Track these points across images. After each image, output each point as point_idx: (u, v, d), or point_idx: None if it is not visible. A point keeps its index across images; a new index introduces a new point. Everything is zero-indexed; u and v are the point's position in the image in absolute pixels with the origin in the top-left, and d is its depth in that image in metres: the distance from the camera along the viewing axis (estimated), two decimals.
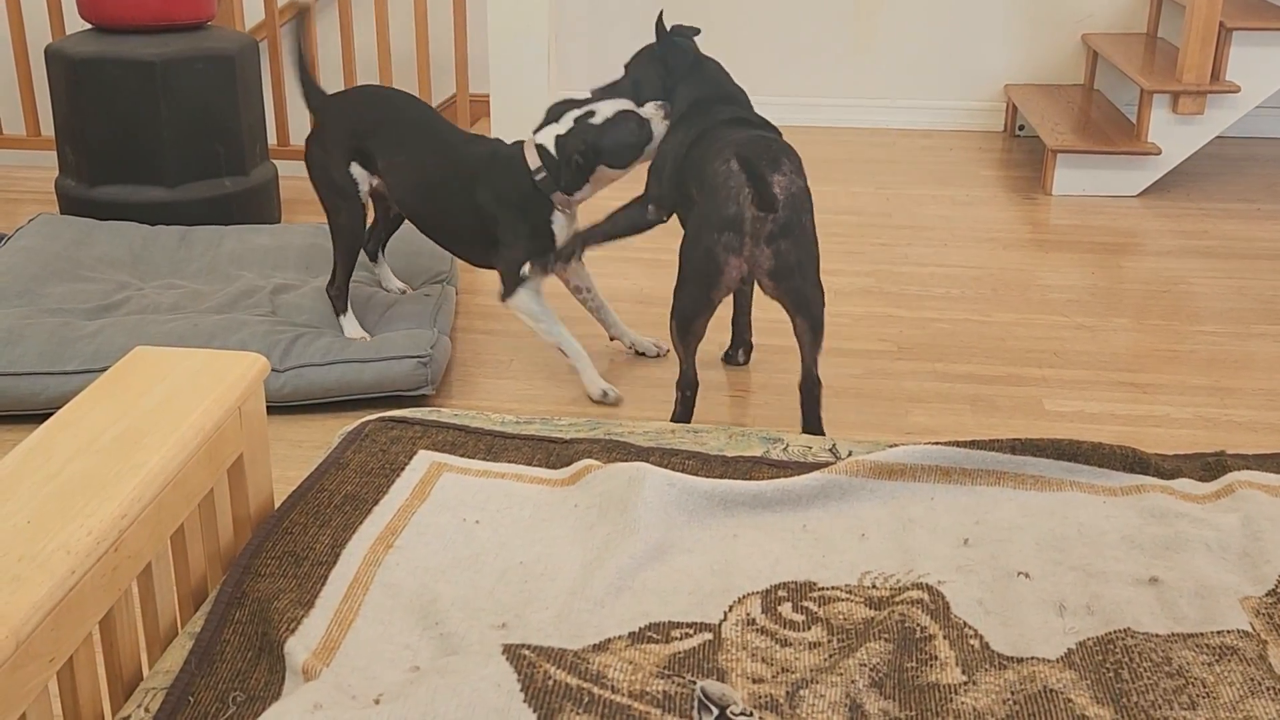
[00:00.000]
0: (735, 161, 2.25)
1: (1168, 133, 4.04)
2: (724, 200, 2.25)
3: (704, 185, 2.35)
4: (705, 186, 2.34)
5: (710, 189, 2.30)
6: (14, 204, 4.02)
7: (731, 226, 2.24)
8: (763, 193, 2.20)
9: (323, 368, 2.61)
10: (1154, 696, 1.22)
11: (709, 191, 2.30)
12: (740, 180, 2.24)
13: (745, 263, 2.27)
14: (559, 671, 1.13)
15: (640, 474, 1.55)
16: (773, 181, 2.26)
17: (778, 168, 2.31)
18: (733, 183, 2.25)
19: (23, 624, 1.03)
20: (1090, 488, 1.60)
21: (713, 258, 2.26)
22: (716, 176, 2.30)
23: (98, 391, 1.42)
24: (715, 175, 2.30)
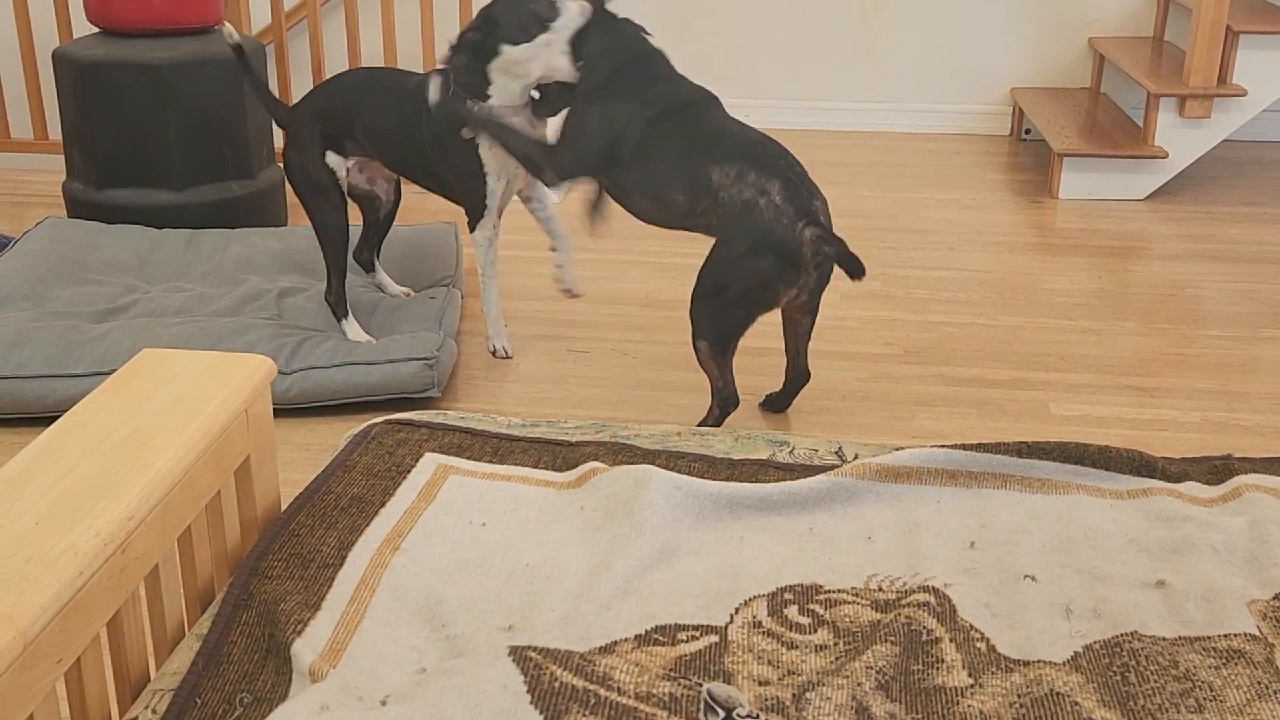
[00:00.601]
0: (777, 191, 2.29)
1: (1174, 136, 4.04)
2: (781, 234, 2.28)
3: (723, 202, 2.33)
4: (729, 206, 2.32)
5: (747, 214, 2.29)
6: (21, 207, 4.03)
7: (792, 262, 2.29)
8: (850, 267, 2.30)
9: (329, 370, 2.61)
10: (1161, 700, 1.22)
11: (747, 217, 2.29)
12: (791, 214, 2.28)
13: (798, 290, 2.35)
14: (565, 673, 1.13)
15: (646, 477, 1.55)
16: (818, 211, 2.34)
17: (814, 193, 2.37)
18: (784, 218, 2.28)
19: (30, 625, 1.03)
20: (1097, 491, 1.60)
21: (771, 288, 2.31)
22: (751, 203, 2.30)
23: (105, 394, 1.42)
24: (748, 201, 2.30)
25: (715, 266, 2.36)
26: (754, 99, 5.10)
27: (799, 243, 2.27)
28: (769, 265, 2.30)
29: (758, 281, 2.31)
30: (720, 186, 2.34)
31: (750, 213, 2.30)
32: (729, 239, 2.34)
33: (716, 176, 2.34)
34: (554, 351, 2.95)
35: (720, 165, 2.34)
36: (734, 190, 2.32)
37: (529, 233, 3.74)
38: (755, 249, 2.30)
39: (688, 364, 2.86)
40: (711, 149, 2.37)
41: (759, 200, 2.29)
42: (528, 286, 3.33)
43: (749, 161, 2.33)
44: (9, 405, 2.57)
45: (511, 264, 3.50)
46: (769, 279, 2.31)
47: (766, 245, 2.29)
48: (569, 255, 2.87)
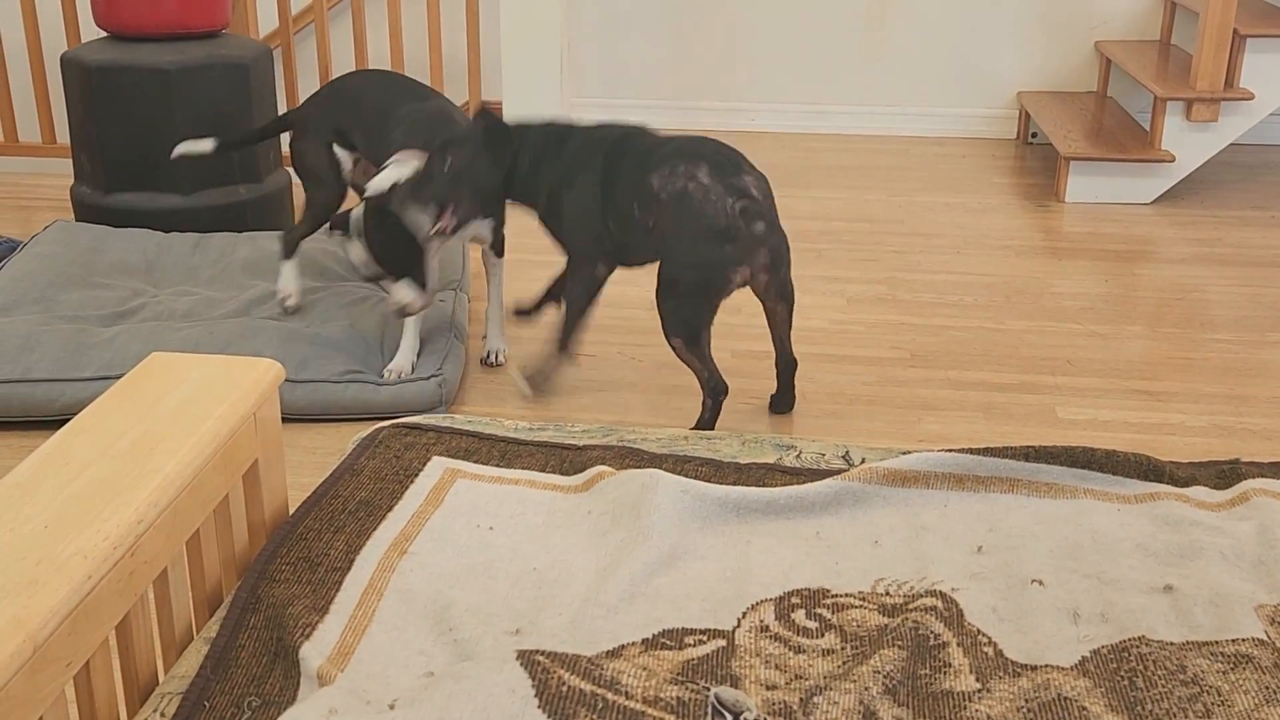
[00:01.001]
0: (704, 173, 2.31)
1: (1181, 140, 4.04)
2: (711, 213, 2.30)
3: (663, 202, 2.35)
4: (668, 203, 2.34)
5: (680, 204, 2.32)
6: (30, 211, 4.04)
7: (728, 238, 2.30)
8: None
9: (338, 385, 2.61)
10: (1168, 705, 1.22)
11: (680, 207, 2.32)
12: (719, 190, 2.30)
13: (747, 268, 2.34)
14: (573, 677, 1.13)
15: (653, 481, 1.55)
16: (748, 186, 2.34)
17: (741, 169, 2.38)
18: (713, 195, 2.29)
19: (40, 628, 1.04)
20: (1104, 495, 1.60)
21: (717, 269, 2.32)
22: (683, 191, 2.32)
23: (114, 397, 1.43)
24: (680, 190, 2.32)
25: (667, 262, 2.39)
26: (760, 103, 5.10)
27: (732, 218, 2.29)
28: (710, 247, 2.32)
29: (706, 266, 2.33)
30: (659, 190, 2.36)
31: (684, 201, 2.32)
32: (672, 232, 2.36)
33: (655, 181, 2.37)
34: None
35: (656, 170, 2.38)
36: (669, 186, 2.35)
37: (532, 236, 3.74)
38: (696, 235, 2.32)
39: None
40: (647, 161, 2.42)
41: (688, 186, 2.32)
42: (532, 289, 3.33)
43: (678, 157, 2.36)
44: (17, 409, 2.58)
45: (516, 269, 3.50)
46: (714, 261, 2.32)
47: (704, 228, 2.31)
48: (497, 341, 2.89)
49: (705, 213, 2.30)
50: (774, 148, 4.83)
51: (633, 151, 2.48)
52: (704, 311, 2.39)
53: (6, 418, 2.58)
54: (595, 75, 5.14)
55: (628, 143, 2.51)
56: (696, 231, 2.31)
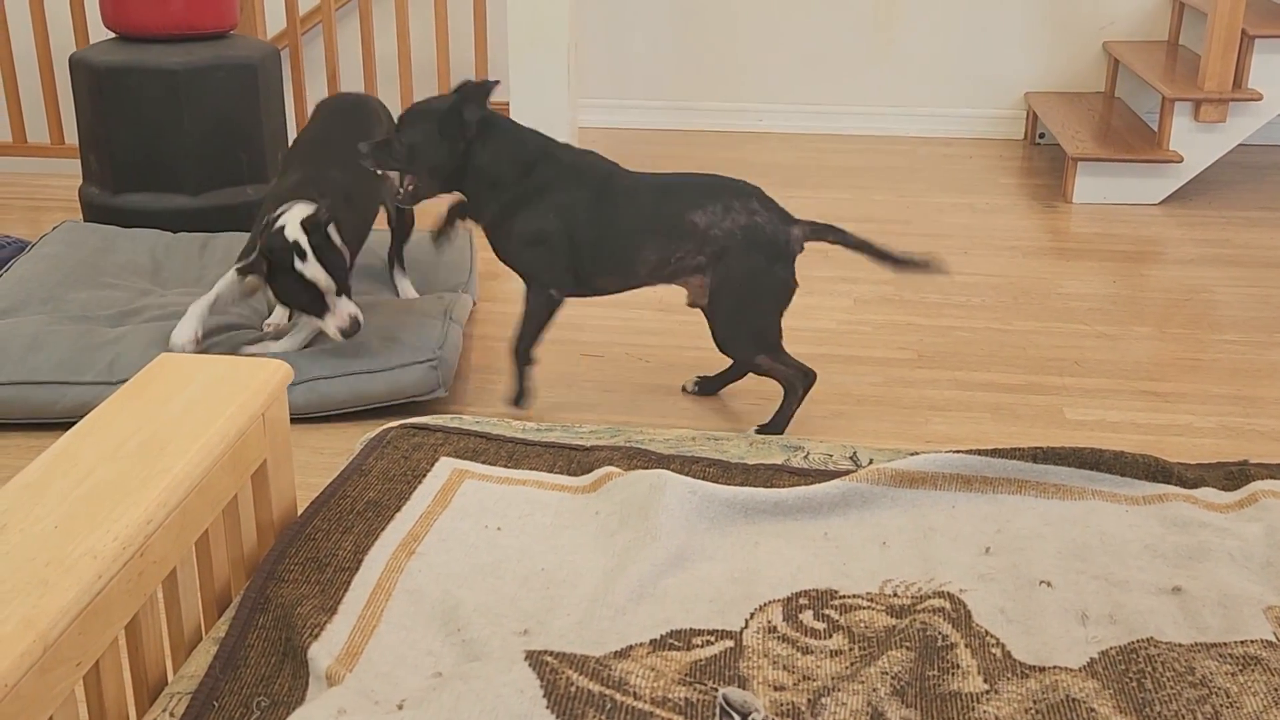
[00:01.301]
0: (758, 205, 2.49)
1: (1189, 140, 4.03)
2: (784, 240, 2.48)
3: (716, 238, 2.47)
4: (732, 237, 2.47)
5: (751, 234, 2.47)
6: (39, 211, 4.06)
7: (792, 258, 2.52)
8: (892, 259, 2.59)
9: (333, 380, 2.61)
10: (1177, 706, 1.22)
11: (756, 236, 2.48)
12: (777, 220, 2.48)
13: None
14: (581, 678, 1.13)
15: (661, 481, 1.55)
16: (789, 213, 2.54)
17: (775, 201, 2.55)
18: (778, 225, 2.48)
19: (50, 628, 1.04)
20: (1112, 496, 1.60)
21: (788, 286, 2.52)
22: (751, 224, 2.47)
23: (123, 398, 1.43)
24: (750, 225, 2.47)
25: (734, 291, 2.49)
26: (767, 104, 5.10)
27: (792, 242, 2.50)
28: (784, 268, 2.51)
29: (781, 285, 2.52)
30: (709, 226, 2.46)
31: (755, 231, 2.46)
32: (740, 262, 2.47)
33: (701, 219, 2.46)
34: (567, 356, 2.95)
35: (699, 208, 2.47)
36: (726, 223, 2.46)
37: None
38: (771, 258, 2.48)
39: (701, 369, 2.87)
40: (677, 200, 2.49)
41: (755, 219, 2.47)
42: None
43: (721, 194, 2.49)
44: (19, 410, 2.58)
45: None
46: (787, 280, 2.52)
47: (778, 252, 2.49)
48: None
49: (780, 240, 2.49)
50: (781, 148, 4.83)
51: (635, 190, 2.53)
52: (779, 323, 2.55)
53: (10, 419, 2.59)
54: (602, 77, 5.14)
55: (618, 178, 2.55)
56: (775, 255, 2.49)
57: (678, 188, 2.53)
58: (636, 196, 2.52)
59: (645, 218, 2.50)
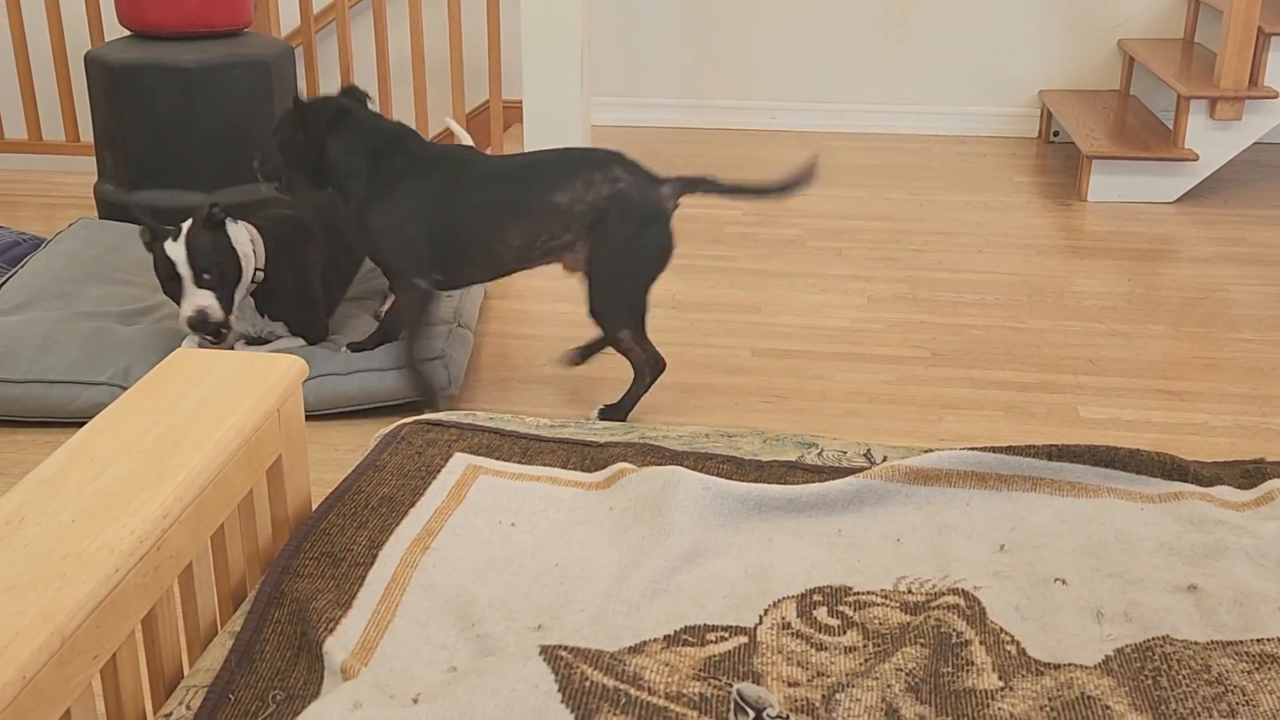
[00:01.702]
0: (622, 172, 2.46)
1: (1205, 139, 4.02)
2: (654, 202, 2.47)
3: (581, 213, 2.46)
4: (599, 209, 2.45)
5: (619, 203, 2.45)
6: (53, 208, 4.07)
7: (668, 220, 2.50)
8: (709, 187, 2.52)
9: (344, 377, 2.62)
10: (1193, 704, 1.22)
11: (623, 204, 2.45)
12: (645, 183, 2.46)
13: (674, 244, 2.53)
14: (596, 673, 1.13)
15: (675, 478, 1.55)
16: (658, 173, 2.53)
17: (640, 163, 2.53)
18: (646, 188, 2.47)
19: (68, 620, 1.04)
20: (1128, 494, 1.59)
21: (665, 250, 2.51)
22: (617, 192, 2.45)
23: (139, 393, 1.44)
24: (612, 193, 2.45)
25: (608, 261, 2.49)
26: (781, 102, 5.10)
27: (664, 201, 2.49)
28: (658, 232, 2.49)
29: (655, 250, 2.51)
30: (572, 204, 2.46)
31: (622, 199, 2.45)
32: (612, 233, 2.46)
33: (564, 198, 2.46)
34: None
35: (559, 188, 2.47)
36: (590, 197, 2.46)
37: None
38: (642, 223, 2.47)
39: (713, 366, 2.87)
40: (536, 182, 2.48)
41: (619, 187, 2.46)
42: (553, 289, 3.34)
43: (579, 168, 2.48)
44: (33, 409, 2.59)
45: None
46: (663, 244, 2.51)
47: (649, 216, 2.48)
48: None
49: (650, 203, 2.47)
50: (794, 146, 4.82)
51: (494, 175, 2.51)
52: (646, 294, 2.53)
53: (24, 418, 2.60)
54: (615, 75, 5.14)
55: (475, 167, 2.53)
56: (645, 220, 2.46)
57: (535, 169, 2.51)
58: (493, 183, 2.50)
59: (505, 204, 2.48)
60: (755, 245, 3.71)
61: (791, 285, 3.38)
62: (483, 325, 3.10)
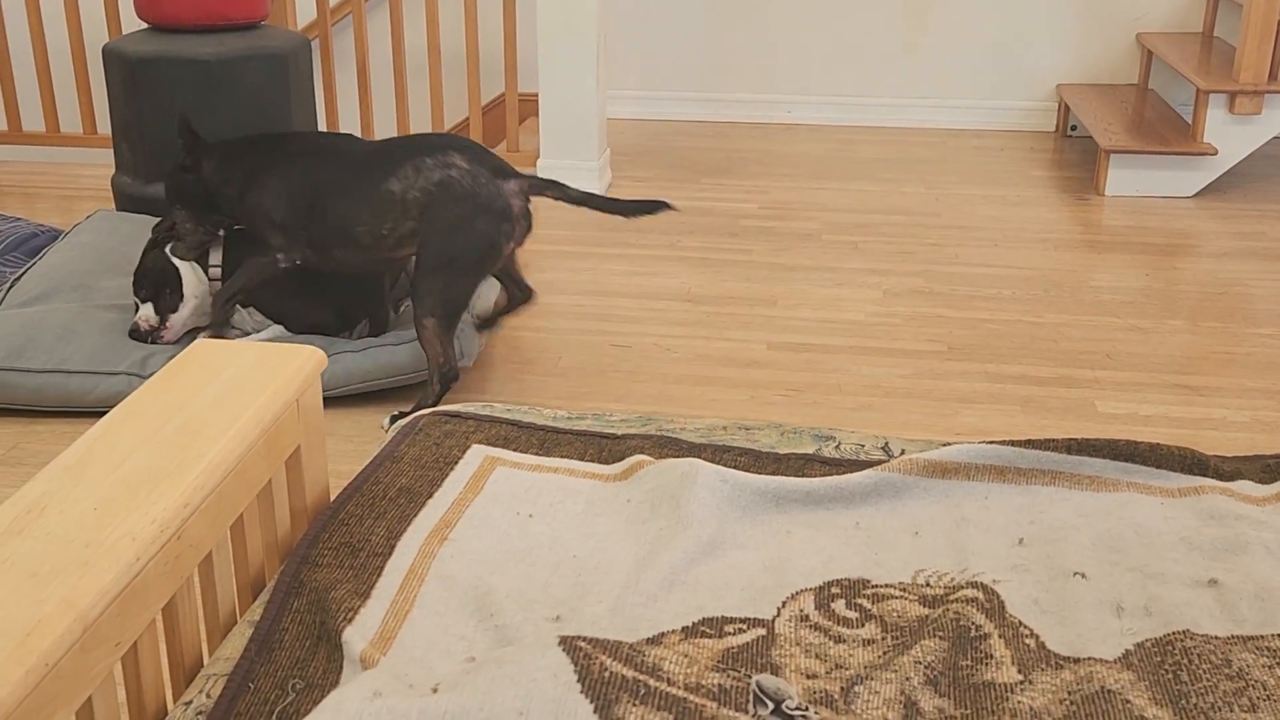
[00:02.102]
0: (461, 160, 2.42)
1: (1224, 133, 3.99)
2: (486, 194, 2.42)
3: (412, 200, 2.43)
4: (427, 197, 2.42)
5: (445, 191, 2.41)
6: (71, 200, 4.09)
7: (506, 217, 2.44)
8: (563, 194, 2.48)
9: (357, 355, 2.64)
10: (1214, 699, 1.21)
11: (449, 193, 2.41)
12: (485, 173, 2.42)
13: (515, 241, 2.49)
14: (615, 663, 1.13)
15: (693, 470, 1.55)
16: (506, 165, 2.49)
17: (489, 152, 2.50)
18: (482, 179, 2.42)
19: (90, 608, 1.05)
20: (1148, 489, 1.59)
21: (495, 246, 2.45)
22: (445, 180, 2.42)
23: (159, 383, 1.44)
24: (440, 180, 2.42)
25: (434, 247, 2.45)
26: (797, 96, 5.09)
27: (505, 196, 2.43)
28: (488, 225, 2.43)
29: (483, 244, 2.44)
30: (404, 191, 2.44)
31: (448, 187, 2.42)
32: (437, 219, 2.43)
33: (397, 185, 2.44)
34: (596, 346, 2.95)
35: (393, 175, 2.45)
36: (420, 182, 2.43)
37: (570, 228, 3.75)
38: (469, 215, 2.42)
39: (729, 360, 2.87)
40: (376, 169, 2.47)
41: (449, 174, 2.42)
42: (569, 281, 3.34)
43: (414, 154, 2.45)
44: (52, 399, 2.60)
45: (553, 258, 3.51)
46: (492, 239, 2.44)
47: (478, 208, 2.42)
48: None
49: (481, 195, 2.41)
50: (811, 140, 4.81)
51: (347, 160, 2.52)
52: (472, 290, 2.49)
53: (42, 407, 2.61)
54: (631, 68, 5.13)
55: (335, 153, 2.56)
56: (473, 211, 2.41)
57: (378, 155, 2.49)
58: (345, 168, 2.51)
59: (351, 191, 2.48)
60: (771, 239, 3.70)
61: (807, 279, 3.38)
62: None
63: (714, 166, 4.47)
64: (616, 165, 4.48)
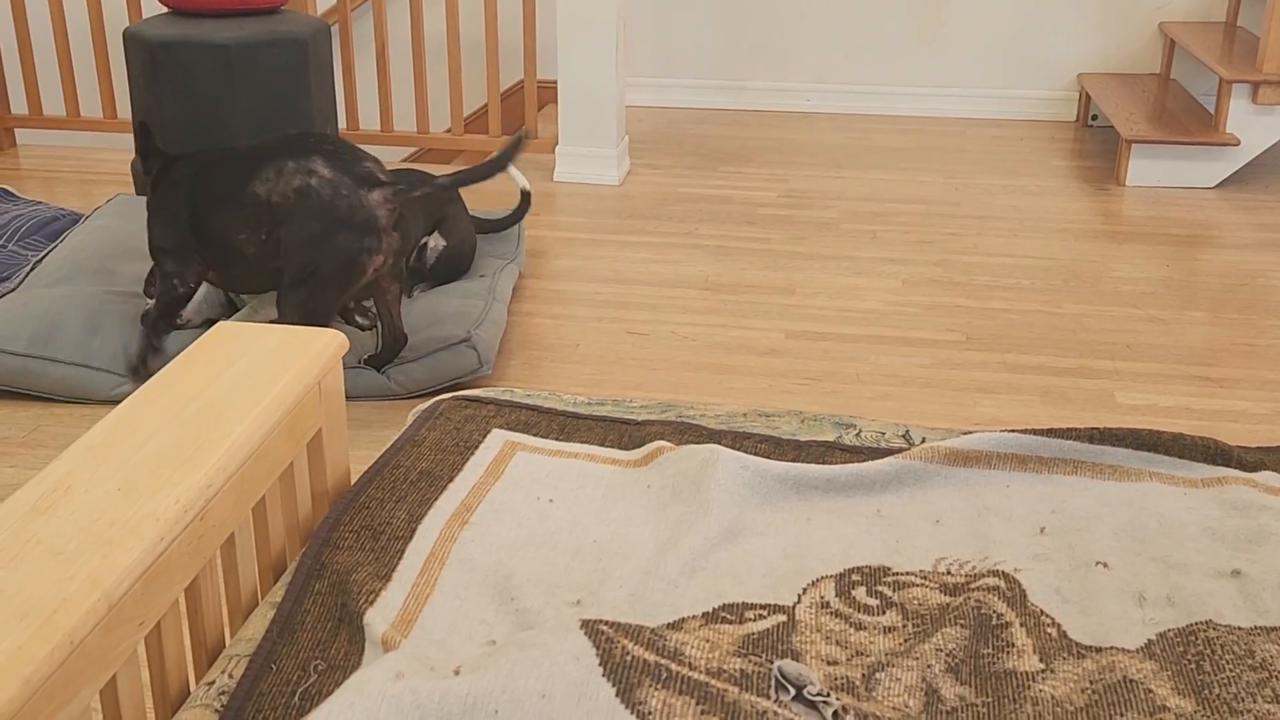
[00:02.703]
0: (322, 166, 2.27)
1: (1247, 123, 3.97)
2: (346, 205, 2.26)
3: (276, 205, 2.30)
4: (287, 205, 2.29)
5: (303, 200, 2.27)
6: (91, 184, 4.10)
7: (369, 229, 2.29)
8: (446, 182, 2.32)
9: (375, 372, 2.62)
10: (1236, 689, 1.21)
11: (306, 203, 2.27)
12: (347, 183, 2.27)
13: (382, 256, 2.33)
14: (637, 647, 1.13)
15: (713, 456, 1.55)
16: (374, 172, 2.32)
17: (363, 159, 2.35)
18: (343, 189, 2.27)
19: (115, 587, 1.05)
20: (1170, 479, 1.58)
21: (356, 260, 2.30)
22: (304, 188, 2.27)
23: (182, 365, 1.45)
24: (299, 188, 2.28)
25: (294, 260, 2.31)
26: (815, 84, 5.07)
27: (368, 208, 2.29)
28: (348, 240, 2.29)
29: (344, 258, 2.29)
30: (268, 194, 2.32)
31: (305, 197, 2.28)
32: (296, 231, 2.30)
33: (262, 189, 2.32)
34: (614, 333, 2.95)
35: (257, 177, 2.33)
36: (281, 186, 2.30)
37: (587, 215, 3.75)
38: (328, 228, 2.28)
39: (747, 348, 2.86)
40: (244, 172, 2.36)
41: (309, 182, 2.28)
42: (587, 269, 3.34)
43: (279, 156, 2.32)
44: (77, 390, 2.61)
45: (571, 245, 3.51)
46: (353, 253, 2.30)
47: (336, 222, 2.28)
48: None
49: (340, 206, 2.26)
50: (829, 129, 4.80)
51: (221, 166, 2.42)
52: (335, 302, 2.35)
53: (66, 398, 2.62)
54: (650, 56, 5.12)
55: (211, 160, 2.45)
56: (332, 224, 2.26)
57: (246, 157, 2.37)
58: (218, 178, 2.40)
59: (224, 200, 2.38)
60: (789, 227, 3.69)
61: (825, 268, 3.37)
62: (515, 304, 3.11)
63: (732, 155, 4.46)
64: (635, 152, 4.48)
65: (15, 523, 1.11)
